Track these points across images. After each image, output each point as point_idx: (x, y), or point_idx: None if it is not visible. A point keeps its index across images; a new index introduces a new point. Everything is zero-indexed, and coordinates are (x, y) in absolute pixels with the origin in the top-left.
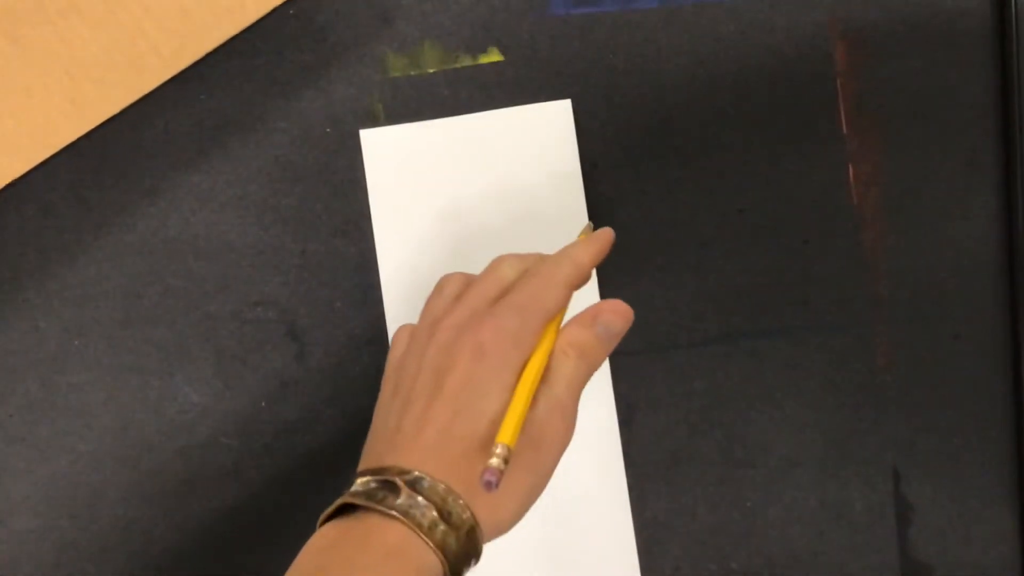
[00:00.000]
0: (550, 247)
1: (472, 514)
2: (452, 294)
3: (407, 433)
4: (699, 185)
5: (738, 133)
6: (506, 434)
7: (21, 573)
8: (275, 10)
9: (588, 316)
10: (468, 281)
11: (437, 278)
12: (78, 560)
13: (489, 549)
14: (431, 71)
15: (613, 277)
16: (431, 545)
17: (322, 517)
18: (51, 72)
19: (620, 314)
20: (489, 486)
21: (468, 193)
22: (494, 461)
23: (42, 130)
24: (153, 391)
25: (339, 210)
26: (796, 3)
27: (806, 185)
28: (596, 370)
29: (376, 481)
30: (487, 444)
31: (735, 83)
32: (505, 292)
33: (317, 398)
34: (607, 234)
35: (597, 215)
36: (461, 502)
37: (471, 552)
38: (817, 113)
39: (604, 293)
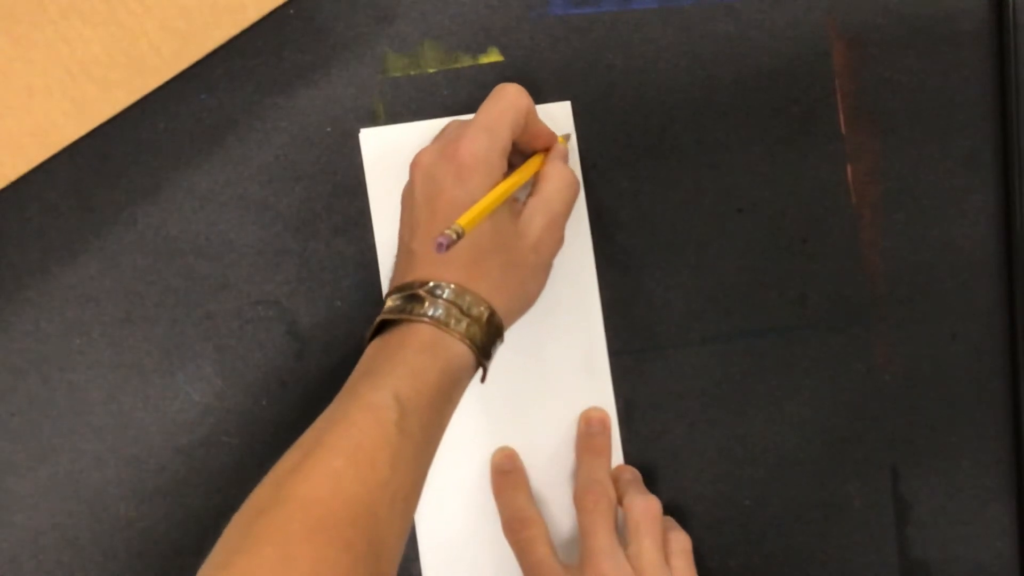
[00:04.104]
0: None
1: (487, 304)
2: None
3: (418, 252)
4: (698, 185)
5: (737, 133)
6: (465, 219)
7: (23, 571)
8: (275, 10)
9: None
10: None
11: None
12: (79, 558)
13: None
14: (431, 71)
15: (613, 276)
16: (457, 336)
17: (366, 338)
18: (52, 72)
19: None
20: (440, 247)
21: None
22: (447, 231)
23: (43, 130)
24: (154, 390)
25: (339, 210)
26: (795, 3)
27: (805, 184)
28: (577, 190)
29: (402, 297)
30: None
31: (734, 83)
32: None
33: (317, 397)
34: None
35: (597, 215)
36: (471, 297)
37: (494, 334)
38: (816, 113)
39: (604, 291)
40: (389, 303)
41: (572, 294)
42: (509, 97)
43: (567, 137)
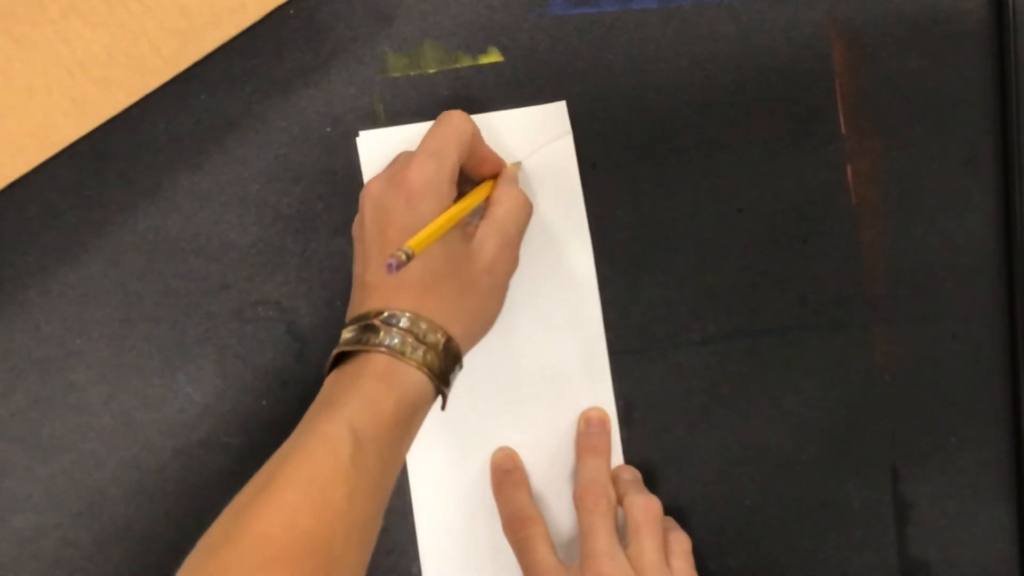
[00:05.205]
0: (548, 249)
1: (444, 331)
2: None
3: (372, 283)
4: (698, 185)
5: (737, 133)
6: (415, 241)
7: (22, 571)
8: (275, 10)
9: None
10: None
11: None
12: (79, 559)
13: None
14: (431, 71)
15: (613, 276)
16: (413, 364)
17: (324, 371)
18: (52, 72)
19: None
20: (390, 268)
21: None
22: (397, 252)
23: (43, 130)
24: (154, 390)
25: (339, 209)
26: (794, 3)
27: (805, 184)
28: (530, 212)
29: (357, 328)
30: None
31: (734, 83)
32: None
33: None
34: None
35: (597, 215)
36: (427, 324)
37: (452, 361)
38: (815, 113)
39: (604, 292)
40: (345, 334)
41: (572, 294)
42: (454, 122)
43: (519, 164)
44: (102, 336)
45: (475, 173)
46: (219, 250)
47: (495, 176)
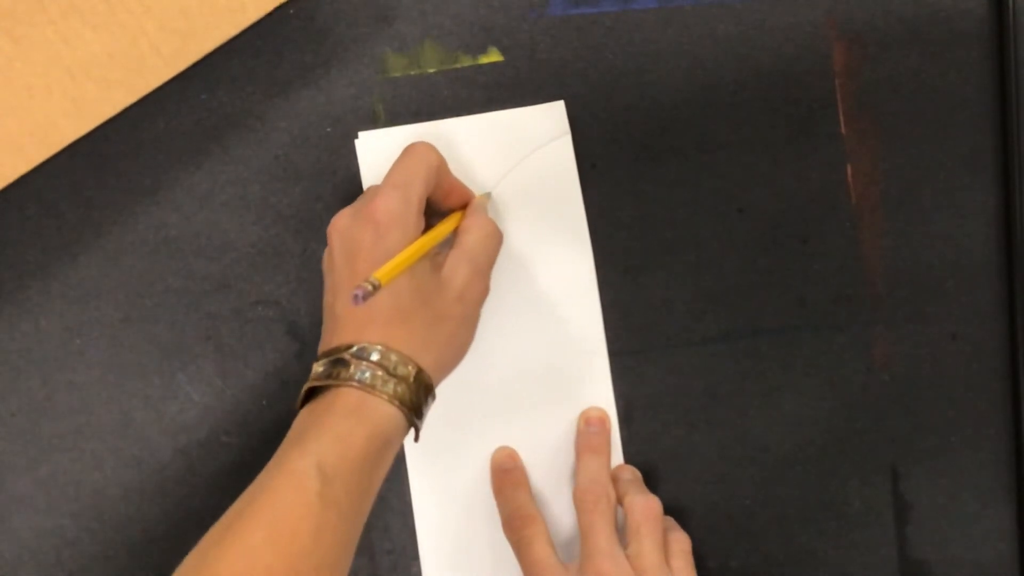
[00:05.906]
0: (547, 249)
1: (414, 363)
2: None
3: (342, 316)
4: (698, 185)
5: (737, 133)
6: (382, 272)
7: (22, 572)
8: (275, 10)
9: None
10: None
11: None
12: (79, 559)
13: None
14: (431, 71)
15: (613, 276)
16: (384, 397)
17: (296, 406)
18: (52, 72)
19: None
20: (356, 299)
21: None
22: (363, 283)
23: (43, 130)
24: (154, 390)
25: (339, 210)
26: (795, 3)
27: (805, 184)
28: (500, 241)
29: (328, 362)
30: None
31: (734, 83)
32: None
33: None
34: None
35: (597, 215)
36: (397, 356)
37: (423, 392)
38: (816, 113)
39: (604, 292)
40: (316, 368)
41: (572, 294)
42: (419, 153)
43: (488, 195)
44: (102, 336)
45: (443, 204)
46: (219, 250)
47: (463, 207)
